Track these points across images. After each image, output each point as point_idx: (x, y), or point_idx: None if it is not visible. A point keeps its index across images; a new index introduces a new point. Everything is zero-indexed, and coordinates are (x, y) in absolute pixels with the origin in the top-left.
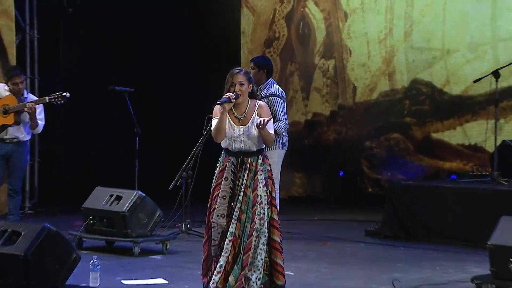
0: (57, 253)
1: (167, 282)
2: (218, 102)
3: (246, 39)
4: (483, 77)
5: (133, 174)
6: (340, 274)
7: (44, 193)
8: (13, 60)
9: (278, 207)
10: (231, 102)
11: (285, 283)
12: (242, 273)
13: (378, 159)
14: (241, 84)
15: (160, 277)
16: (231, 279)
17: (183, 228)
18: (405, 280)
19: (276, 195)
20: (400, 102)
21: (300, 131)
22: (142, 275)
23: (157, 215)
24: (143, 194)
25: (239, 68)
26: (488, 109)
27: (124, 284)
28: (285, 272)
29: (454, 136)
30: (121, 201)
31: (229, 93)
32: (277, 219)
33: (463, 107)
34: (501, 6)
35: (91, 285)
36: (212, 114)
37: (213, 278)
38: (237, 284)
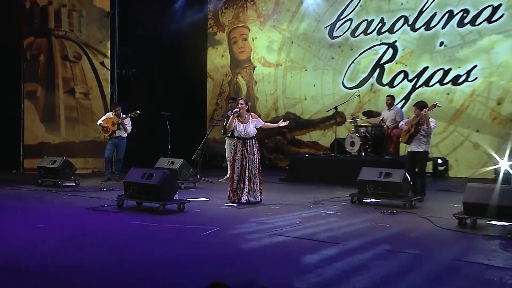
0: (170, 183)
1: (208, 200)
2: (230, 113)
3: (209, 92)
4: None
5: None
6: (283, 197)
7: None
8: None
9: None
10: (236, 113)
11: (261, 200)
12: (251, 190)
13: (270, 148)
14: (241, 105)
15: (203, 196)
16: (249, 194)
17: (198, 177)
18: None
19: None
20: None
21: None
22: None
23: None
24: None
25: (241, 98)
26: (321, 125)
27: (189, 200)
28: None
29: (305, 137)
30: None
31: (236, 109)
32: (260, 168)
33: (309, 125)
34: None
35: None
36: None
37: (243, 195)
38: (250, 195)
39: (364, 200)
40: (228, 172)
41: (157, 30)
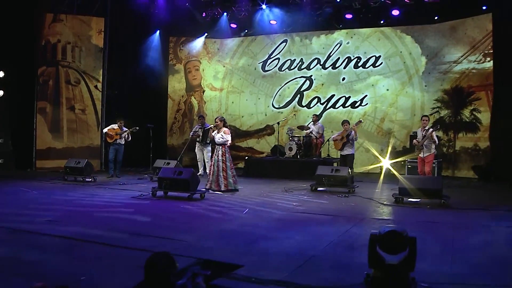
0: (195, 178)
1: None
2: (210, 126)
3: (169, 109)
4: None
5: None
6: (259, 188)
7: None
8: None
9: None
10: (212, 128)
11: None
12: (213, 181)
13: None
14: (217, 121)
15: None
16: (211, 184)
17: None
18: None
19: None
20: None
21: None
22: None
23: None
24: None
25: (218, 116)
26: (255, 135)
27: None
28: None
29: (243, 144)
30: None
31: (212, 125)
32: (224, 167)
33: (246, 135)
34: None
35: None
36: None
37: (209, 185)
38: (212, 185)
39: (318, 189)
40: (200, 169)
41: (134, 61)
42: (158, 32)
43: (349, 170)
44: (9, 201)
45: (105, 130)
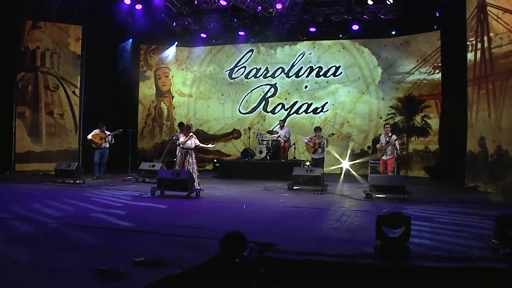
0: (191, 179)
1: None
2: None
3: (140, 114)
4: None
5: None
6: (241, 188)
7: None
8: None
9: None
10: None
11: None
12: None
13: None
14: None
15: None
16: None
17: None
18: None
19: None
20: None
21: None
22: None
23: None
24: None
25: (188, 123)
26: (222, 139)
27: (202, 189)
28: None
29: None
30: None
31: (190, 133)
32: (196, 169)
33: (213, 138)
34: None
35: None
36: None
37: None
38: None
39: (294, 187)
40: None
41: (107, 68)
42: (130, 40)
43: (322, 170)
44: (27, 200)
45: (89, 136)
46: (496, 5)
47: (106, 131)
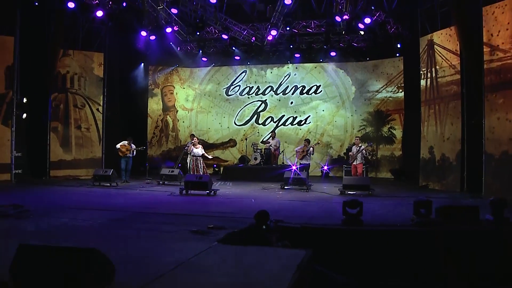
0: (210, 181)
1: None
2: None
3: (149, 126)
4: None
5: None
6: (245, 187)
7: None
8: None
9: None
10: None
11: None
12: None
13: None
14: (194, 140)
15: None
16: None
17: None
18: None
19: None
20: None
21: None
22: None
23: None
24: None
25: (194, 134)
26: (221, 147)
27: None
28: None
29: (210, 154)
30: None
31: (196, 141)
32: (206, 170)
33: (212, 147)
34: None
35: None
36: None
37: None
38: None
39: (285, 187)
40: None
41: (124, 88)
42: (142, 64)
43: (307, 173)
44: (85, 200)
45: (118, 146)
46: (441, 45)
47: (132, 144)
